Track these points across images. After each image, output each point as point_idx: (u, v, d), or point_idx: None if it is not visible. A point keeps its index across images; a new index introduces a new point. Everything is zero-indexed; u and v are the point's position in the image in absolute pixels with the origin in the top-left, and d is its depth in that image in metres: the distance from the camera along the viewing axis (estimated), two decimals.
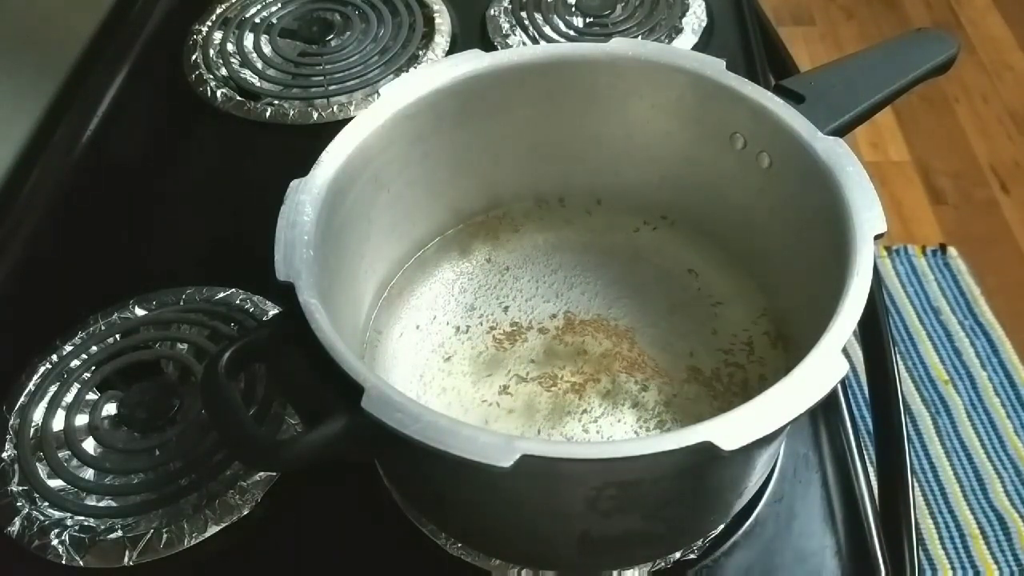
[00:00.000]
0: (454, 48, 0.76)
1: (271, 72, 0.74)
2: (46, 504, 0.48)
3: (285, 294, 0.39)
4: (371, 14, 0.77)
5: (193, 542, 0.47)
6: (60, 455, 0.50)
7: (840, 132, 0.46)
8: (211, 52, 0.76)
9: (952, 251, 1.51)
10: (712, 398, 0.49)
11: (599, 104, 0.52)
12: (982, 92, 1.79)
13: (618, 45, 0.50)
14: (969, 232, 1.55)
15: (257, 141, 0.70)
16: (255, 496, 0.48)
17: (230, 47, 0.76)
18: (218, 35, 0.78)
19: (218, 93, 0.72)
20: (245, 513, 0.48)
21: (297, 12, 0.79)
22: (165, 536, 0.46)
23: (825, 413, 0.52)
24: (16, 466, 0.50)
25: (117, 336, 0.56)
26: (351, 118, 0.47)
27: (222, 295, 0.57)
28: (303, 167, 0.44)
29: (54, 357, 0.55)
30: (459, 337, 0.52)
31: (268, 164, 0.68)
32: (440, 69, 0.49)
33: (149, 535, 0.47)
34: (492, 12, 0.78)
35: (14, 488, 0.49)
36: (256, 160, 0.69)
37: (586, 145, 0.54)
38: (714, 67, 0.48)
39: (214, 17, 0.79)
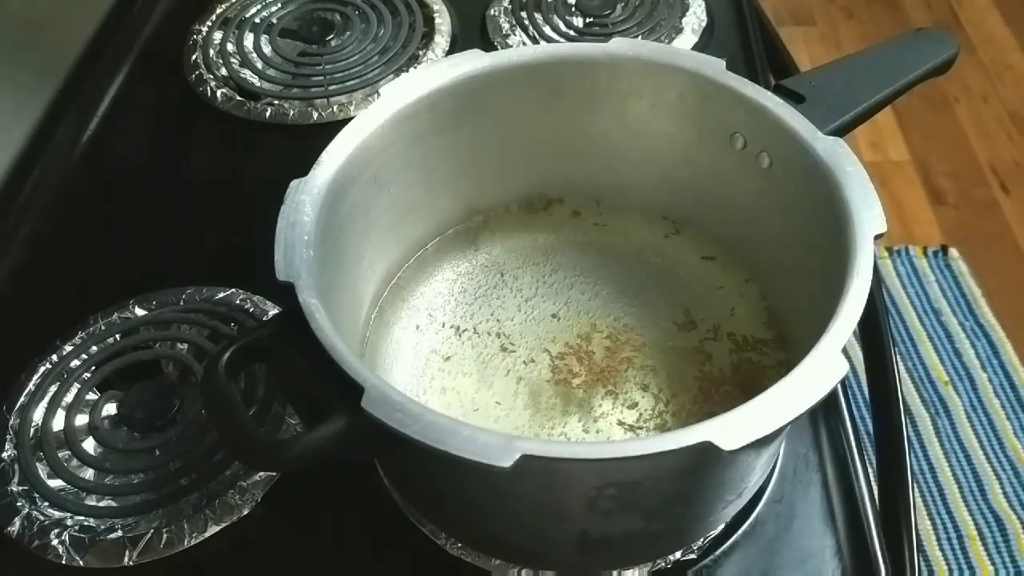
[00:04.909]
0: (454, 48, 0.76)
1: (271, 72, 0.74)
2: (46, 504, 0.48)
3: (285, 294, 0.39)
4: (371, 14, 0.77)
5: (193, 542, 0.47)
6: (60, 455, 0.50)
7: (840, 132, 0.46)
8: (211, 52, 0.76)
9: (953, 252, 1.51)
10: (711, 398, 0.49)
11: (599, 104, 0.52)
12: (982, 92, 1.79)
13: (618, 45, 0.50)
14: (969, 232, 1.55)
15: (257, 141, 0.70)
16: (255, 496, 0.48)
17: (230, 47, 0.76)
18: (218, 35, 0.78)
19: (218, 93, 0.72)
20: (245, 513, 0.48)
21: (297, 12, 0.79)
22: (165, 536, 0.46)
23: (825, 413, 0.52)
24: (16, 466, 0.50)
25: (117, 336, 0.56)
26: (351, 118, 0.47)
27: (222, 295, 0.57)
28: (303, 167, 0.44)
29: (54, 357, 0.55)
30: (459, 337, 0.52)
31: (268, 164, 0.68)
32: (440, 69, 0.49)
33: (149, 535, 0.47)
34: (492, 12, 0.78)
35: (14, 488, 0.49)
36: (256, 160, 0.69)
37: (586, 145, 0.54)
38: (714, 67, 0.48)
39: (214, 17, 0.79)
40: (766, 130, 0.47)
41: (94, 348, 0.55)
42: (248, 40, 0.77)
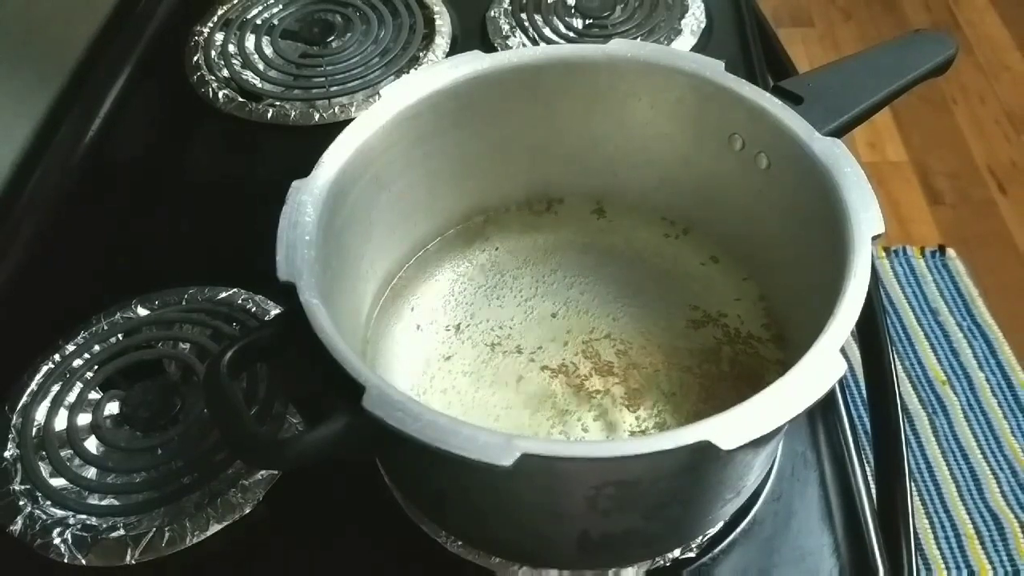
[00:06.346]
0: (454, 49, 0.76)
1: (272, 73, 0.74)
2: (48, 503, 0.48)
3: (286, 294, 0.39)
4: (372, 15, 0.78)
5: (195, 541, 0.47)
6: (62, 454, 0.50)
7: (838, 133, 0.46)
8: (213, 53, 0.76)
9: (951, 252, 1.51)
10: (710, 397, 0.49)
11: (598, 105, 0.52)
12: (980, 93, 1.79)
13: (617, 46, 0.50)
14: (966, 232, 1.55)
15: (258, 142, 0.70)
16: (257, 495, 0.48)
17: (232, 48, 0.77)
18: (220, 36, 0.78)
19: (220, 94, 0.72)
20: (247, 512, 0.48)
21: (298, 13, 0.79)
22: (167, 535, 0.47)
23: (823, 412, 0.52)
24: (19, 465, 0.50)
25: (120, 335, 0.56)
26: (352, 119, 0.47)
27: (224, 295, 0.58)
28: (304, 168, 0.44)
29: (56, 356, 0.55)
30: (459, 337, 0.52)
31: (269, 165, 0.68)
32: (440, 70, 0.49)
33: (151, 534, 0.47)
34: (492, 13, 0.78)
35: (16, 487, 0.49)
36: (257, 161, 0.70)
37: (586, 146, 0.55)
38: (713, 68, 0.48)
39: (216, 18, 0.79)
40: (764, 131, 0.47)
41: (96, 347, 0.55)
42: (249, 41, 0.77)
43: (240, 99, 0.72)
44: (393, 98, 0.48)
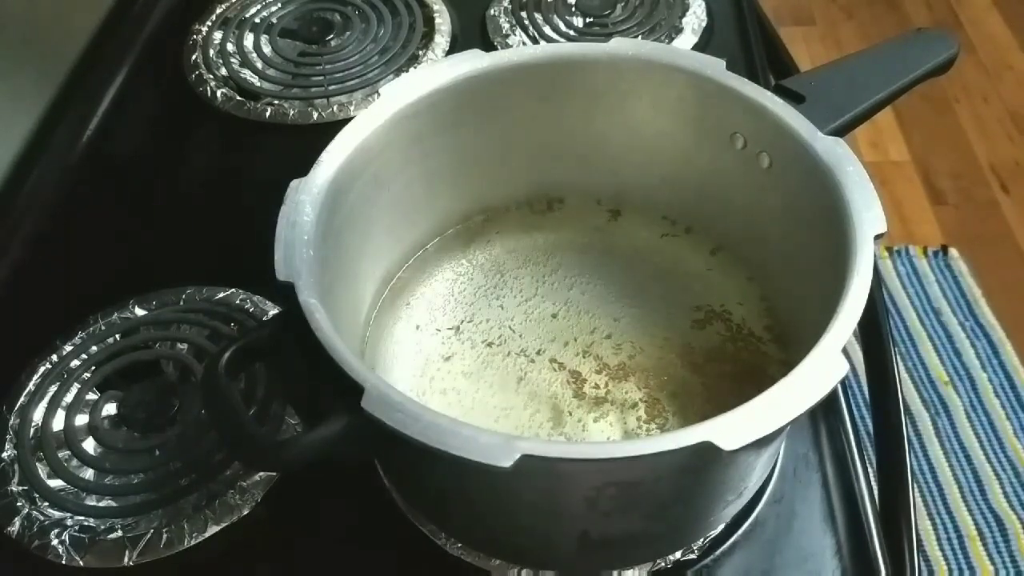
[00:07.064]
0: (454, 48, 0.76)
1: (271, 72, 0.74)
2: (46, 504, 0.48)
3: (285, 294, 0.39)
4: (371, 14, 0.77)
5: (193, 542, 0.47)
6: (60, 455, 0.50)
7: (840, 132, 0.46)
8: (211, 52, 0.76)
9: (953, 252, 1.51)
10: (712, 398, 0.49)
11: (599, 104, 0.52)
12: (982, 92, 1.79)
13: (618, 45, 0.50)
14: (969, 232, 1.55)
15: (257, 141, 0.70)
16: (255, 496, 0.48)
17: (230, 47, 0.76)
18: (218, 35, 0.78)
19: (218, 93, 0.72)
20: (245, 513, 0.48)
21: (297, 12, 0.79)
22: (165, 536, 0.46)
23: (825, 413, 0.52)
24: (16, 466, 0.50)
25: (117, 336, 0.56)
26: (351, 118, 0.47)
27: (222, 295, 0.57)
28: (303, 167, 0.44)
29: (54, 357, 0.55)
30: (459, 337, 0.52)
31: (268, 164, 0.68)
32: (440, 69, 0.49)
33: (149, 535, 0.47)
34: (492, 12, 0.78)
35: (14, 488, 0.49)
36: (256, 160, 0.69)
37: (586, 145, 0.54)
38: (714, 67, 0.48)
39: (214, 17, 0.79)
40: (766, 130, 0.47)
41: (94, 348, 0.55)
42: (248, 40, 0.77)
43: (238, 98, 0.72)
44: (392, 97, 0.48)
